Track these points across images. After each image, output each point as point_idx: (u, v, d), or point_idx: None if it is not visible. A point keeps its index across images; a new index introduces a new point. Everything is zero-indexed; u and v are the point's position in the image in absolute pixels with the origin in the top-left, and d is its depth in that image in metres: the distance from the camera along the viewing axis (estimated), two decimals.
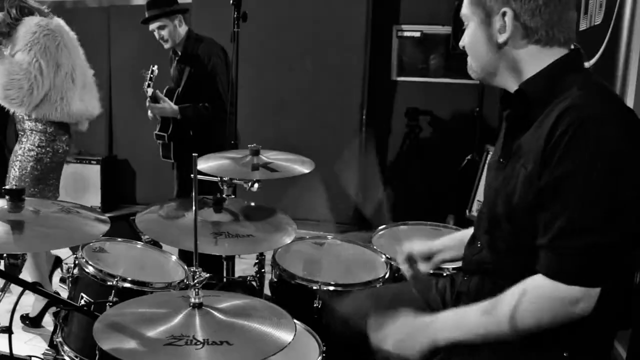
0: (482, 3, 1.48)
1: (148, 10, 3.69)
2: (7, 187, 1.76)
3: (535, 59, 1.46)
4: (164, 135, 3.75)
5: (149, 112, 3.70)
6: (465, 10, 1.54)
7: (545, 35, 1.44)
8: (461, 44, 1.58)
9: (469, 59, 1.58)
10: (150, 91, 3.59)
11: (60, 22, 3.17)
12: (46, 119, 3.12)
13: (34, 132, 3.14)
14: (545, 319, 1.37)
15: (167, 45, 3.75)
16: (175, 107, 3.64)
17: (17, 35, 3.04)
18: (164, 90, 3.76)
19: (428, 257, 1.89)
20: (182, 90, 3.71)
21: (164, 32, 3.68)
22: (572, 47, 1.49)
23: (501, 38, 1.47)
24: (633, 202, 1.33)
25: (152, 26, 3.69)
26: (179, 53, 3.77)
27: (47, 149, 3.15)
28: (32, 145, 3.14)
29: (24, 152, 3.15)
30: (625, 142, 1.32)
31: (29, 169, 3.13)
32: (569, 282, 1.34)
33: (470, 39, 1.54)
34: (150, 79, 3.60)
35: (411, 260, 1.91)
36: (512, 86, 1.52)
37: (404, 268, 1.93)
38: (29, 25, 3.02)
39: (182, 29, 3.73)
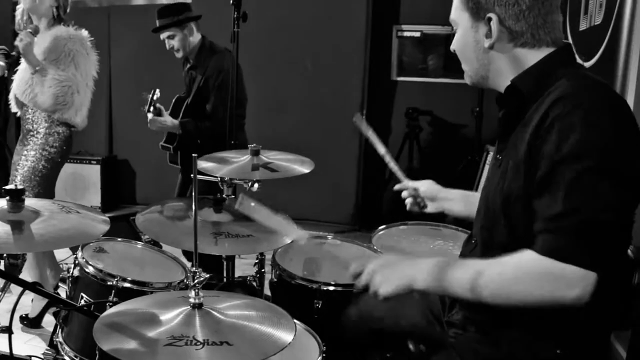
0: (469, 9, 1.50)
1: (158, 19, 3.62)
2: (7, 187, 1.76)
3: (523, 61, 1.48)
4: (170, 147, 3.70)
5: (149, 125, 3.58)
6: (454, 15, 1.56)
7: (531, 37, 1.46)
8: (452, 47, 1.60)
9: (462, 64, 1.59)
10: (150, 116, 3.50)
11: (86, 33, 3.29)
12: (63, 121, 3.21)
13: (48, 134, 3.21)
14: (535, 295, 1.31)
15: (178, 55, 3.66)
16: (176, 122, 3.57)
17: (46, 41, 3.14)
18: (173, 99, 3.71)
19: (432, 199, 2.04)
20: (191, 100, 3.64)
21: (174, 42, 3.59)
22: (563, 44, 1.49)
23: (487, 43, 1.49)
24: (623, 184, 1.31)
25: (163, 35, 3.62)
26: (191, 61, 3.69)
27: (59, 149, 3.24)
28: (47, 145, 3.21)
29: (36, 152, 3.20)
30: (613, 130, 1.31)
31: (40, 167, 3.20)
32: (564, 260, 1.29)
33: (460, 43, 1.57)
34: (151, 103, 3.50)
35: (416, 195, 2.06)
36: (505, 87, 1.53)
37: (408, 202, 2.08)
38: (66, 34, 3.16)
39: (194, 38, 3.62)
